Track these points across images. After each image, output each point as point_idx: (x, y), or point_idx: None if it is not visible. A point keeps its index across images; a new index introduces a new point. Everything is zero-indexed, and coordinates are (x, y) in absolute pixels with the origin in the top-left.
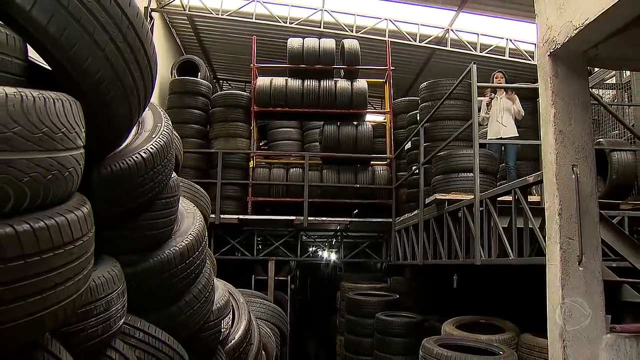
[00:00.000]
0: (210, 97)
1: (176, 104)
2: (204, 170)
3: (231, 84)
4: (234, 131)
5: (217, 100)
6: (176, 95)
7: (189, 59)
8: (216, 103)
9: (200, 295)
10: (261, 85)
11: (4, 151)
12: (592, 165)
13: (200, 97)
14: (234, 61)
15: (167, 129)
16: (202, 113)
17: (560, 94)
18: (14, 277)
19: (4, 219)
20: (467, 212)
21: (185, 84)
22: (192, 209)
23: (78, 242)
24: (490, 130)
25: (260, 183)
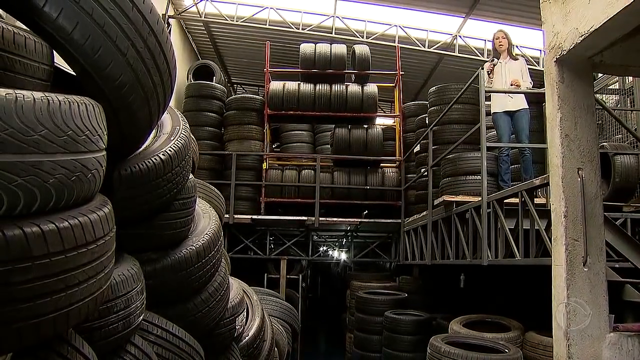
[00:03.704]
0: (224, 100)
1: (192, 107)
2: (218, 171)
3: (245, 88)
4: (247, 134)
5: (232, 103)
6: (192, 98)
7: (205, 64)
8: (230, 106)
9: (216, 293)
10: (274, 89)
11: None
12: (597, 169)
13: (215, 100)
14: (248, 66)
15: (185, 132)
16: (217, 116)
17: (566, 99)
18: (40, 274)
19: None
20: (475, 213)
21: (200, 87)
22: (207, 210)
23: (100, 241)
24: (495, 102)
25: (273, 184)
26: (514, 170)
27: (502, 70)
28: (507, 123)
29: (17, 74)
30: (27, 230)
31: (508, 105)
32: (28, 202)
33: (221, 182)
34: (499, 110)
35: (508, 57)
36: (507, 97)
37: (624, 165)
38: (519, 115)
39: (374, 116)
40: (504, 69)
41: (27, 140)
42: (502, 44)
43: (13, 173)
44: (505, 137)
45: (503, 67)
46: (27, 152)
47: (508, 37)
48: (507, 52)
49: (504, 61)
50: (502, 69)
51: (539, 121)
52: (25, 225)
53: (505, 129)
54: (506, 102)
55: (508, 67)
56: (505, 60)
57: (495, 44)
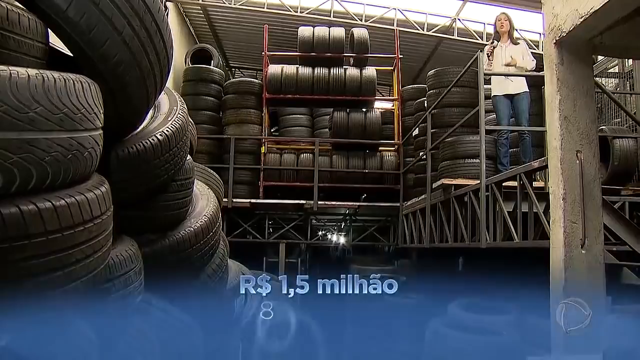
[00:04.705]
0: (223, 84)
1: (190, 91)
2: (217, 155)
3: (243, 72)
4: (246, 117)
5: (230, 87)
6: (190, 82)
7: (203, 48)
8: (229, 90)
9: (215, 274)
10: (272, 73)
11: (27, 131)
12: (596, 151)
13: (213, 84)
14: (246, 49)
15: (182, 113)
16: (215, 100)
17: (565, 81)
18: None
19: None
20: (473, 196)
21: (198, 71)
22: (206, 191)
23: (97, 220)
24: (495, 85)
25: (272, 168)
26: (513, 153)
27: (502, 53)
28: (506, 106)
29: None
30: (24, 208)
31: (508, 89)
32: (24, 180)
33: (220, 166)
34: (498, 93)
35: (508, 41)
36: (507, 80)
37: (623, 149)
38: (518, 99)
39: (373, 100)
40: (504, 53)
41: (22, 117)
42: (504, 25)
43: (8, 150)
44: (504, 120)
45: (503, 51)
46: (22, 130)
47: (510, 20)
48: (507, 35)
49: (504, 45)
50: (502, 52)
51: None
52: (21, 203)
53: (504, 113)
54: (506, 85)
55: (508, 51)
56: (506, 44)
57: (496, 26)
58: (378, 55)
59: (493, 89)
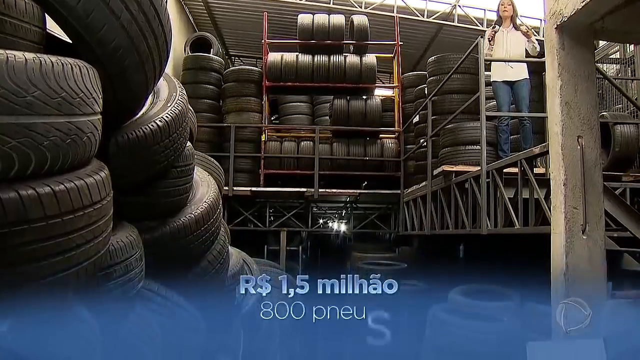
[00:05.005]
0: (222, 72)
1: (190, 80)
2: (217, 144)
3: (243, 60)
4: (246, 106)
5: (230, 75)
6: (190, 71)
7: (202, 36)
8: (229, 78)
9: (215, 261)
10: (272, 60)
11: (25, 115)
12: (597, 137)
13: (213, 72)
14: (246, 38)
15: (182, 99)
16: (215, 88)
17: (566, 66)
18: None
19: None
20: (474, 183)
21: (198, 60)
22: (206, 178)
23: (97, 205)
24: (495, 71)
25: (272, 156)
26: (514, 140)
27: (504, 39)
28: (507, 93)
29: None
30: (23, 193)
31: (508, 75)
32: (23, 165)
33: (220, 155)
34: (498, 79)
35: (511, 26)
36: (507, 66)
37: (624, 135)
38: (519, 85)
39: (373, 87)
40: (506, 38)
41: (20, 101)
42: (507, 10)
43: (7, 135)
44: (505, 106)
45: (505, 36)
46: (20, 114)
47: (514, 5)
48: (510, 20)
49: (506, 30)
50: (504, 37)
51: (539, 91)
52: (20, 188)
53: (505, 99)
54: (506, 71)
55: (509, 37)
56: (508, 29)
57: (499, 10)
58: (378, 42)
59: (493, 74)
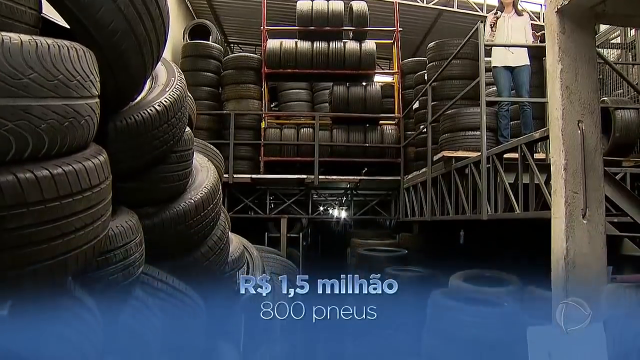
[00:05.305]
0: (221, 60)
1: (189, 67)
2: (216, 131)
3: (242, 47)
4: (245, 93)
5: (229, 62)
6: (188, 58)
7: (200, 23)
8: (228, 66)
9: (216, 246)
10: (271, 47)
11: (21, 97)
12: (598, 121)
13: (212, 60)
14: (245, 25)
15: (181, 84)
16: (214, 76)
17: (567, 50)
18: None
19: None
20: (474, 168)
21: (197, 47)
22: (206, 164)
23: (96, 189)
24: (496, 57)
25: (272, 143)
26: (514, 126)
27: (505, 24)
28: (507, 78)
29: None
30: (21, 176)
31: (509, 60)
32: (20, 148)
33: (220, 142)
34: (499, 64)
35: (513, 11)
36: (508, 51)
37: (625, 120)
38: (519, 70)
39: (373, 73)
40: (507, 24)
41: (16, 83)
42: None
43: (3, 117)
44: (505, 92)
45: (506, 22)
46: (16, 96)
47: None
48: (512, 6)
49: (508, 15)
50: (505, 23)
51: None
52: (18, 171)
53: (505, 85)
54: (507, 57)
55: (511, 23)
56: (510, 14)
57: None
58: (377, 28)
59: (493, 60)
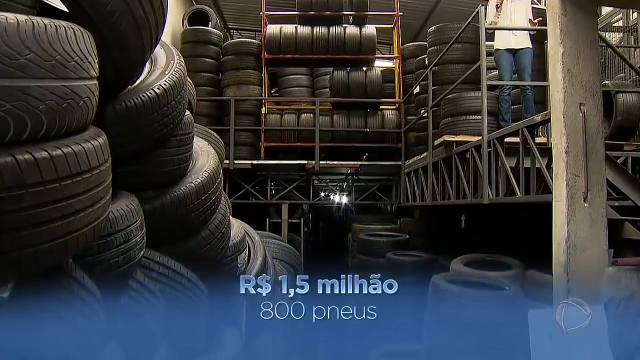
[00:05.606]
0: (221, 46)
1: (188, 53)
2: (217, 117)
3: (242, 33)
4: (245, 79)
5: (229, 48)
6: (188, 44)
7: (200, 9)
8: (227, 51)
9: (217, 230)
10: (271, 33)
11: (19, 78)
12: (599, 104)
13: (212, 45)
14: (244, 10)
15: (180, 66)
16: (214, 62)
17: (568, 33)
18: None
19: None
20: (475, 153)
21: (196, 33)
22: (206, 148)
23: (95, 170)
24: (499, 39)
25: (272, 129)
26: (515, 110)
27: (508, 7)
28: (509, 61)
29: None
30: (19, 158)
31: (512, 43)
32: (18, 129)
33: (220, 128)
34: (502, 47)
35: None
36: (510, 34)
37: (626, 104)
38: (522, 53)
39: (373, 58)
40: (510, 7)
41: (13, 64)
42: None
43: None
44: (507, 75)
45: (509, 4)
46: (13, 77)
47: None
48: None
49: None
50: (508, 5)
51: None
52: (17, 152)
53: (507, 68)
54: (510, 39)
55: (514, 5)
56: None
57: None
58: (377, 12)
59: (496, 43)
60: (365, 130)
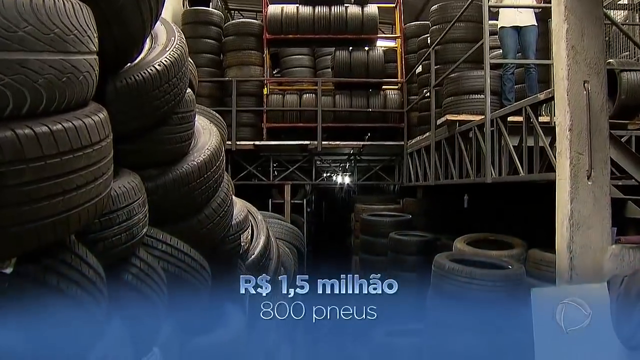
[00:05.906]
0: (222, 26)
1: (189, 34)
2: (218, 98)
3: (243, 14)
4: (247, 59)
5: (230, 29)
6: (189, 25)
7: None
8: (229, 32)
9: (219, 208)
10: (272, 13)
11: (17, 51)
12: (604, 82)
13: (213, 26)
14: None
15: (181, 43)
16: (215, 42)
17: (573, 10)
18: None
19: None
20: (478, 132)
21: (197, 14)
22: (208, 126)
23: (96, 146)
24: (503, 17)
25: (275, 109)
26: (519, 90)
27: None
28: (514, 39)
29: None
30: (20, 132)
31: (517, 20)
32: (18, 103)
33: (222, 109)
34: (507, 24)
35: None
36: (516, 12)
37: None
38: (527, 30)
39: (375, 38)
40: None
41: (11, 36)
42: None
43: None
44: (511, 54)
45: None
46: (11, 50)
47: None
48: None
49: None
50: None
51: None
52: (17, 127)
53: (511, 46)
54: (515, 17)
55: None
56: None
57: None
58: None
59: (501, 20)
60: (368, 111)
